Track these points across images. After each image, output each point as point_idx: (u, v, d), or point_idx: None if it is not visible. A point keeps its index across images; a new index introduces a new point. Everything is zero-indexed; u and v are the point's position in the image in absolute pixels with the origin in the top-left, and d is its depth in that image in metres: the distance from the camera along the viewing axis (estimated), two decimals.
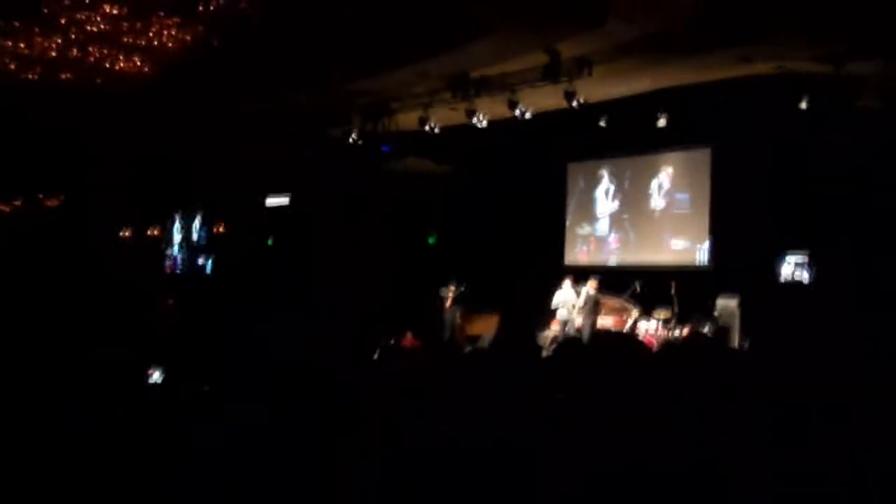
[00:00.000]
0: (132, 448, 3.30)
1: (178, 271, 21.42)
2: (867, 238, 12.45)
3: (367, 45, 12.01)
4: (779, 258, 13.87)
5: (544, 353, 4.19)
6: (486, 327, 16.07)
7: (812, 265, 13.61)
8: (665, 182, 16.36)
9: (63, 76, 13.73)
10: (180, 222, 21.64)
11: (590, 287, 14.74)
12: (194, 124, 16.03)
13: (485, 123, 14.56)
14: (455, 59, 12.74)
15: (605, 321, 14.98)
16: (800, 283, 13.68)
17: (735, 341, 13.13)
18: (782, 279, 13.85)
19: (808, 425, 2.80)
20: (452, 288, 16.59)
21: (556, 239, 17.93)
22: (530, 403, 3.20)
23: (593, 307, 14.66)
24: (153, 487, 3.05)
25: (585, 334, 14.04)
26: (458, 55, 12.49)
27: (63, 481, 3.08)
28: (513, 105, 13.82)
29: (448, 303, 16.66)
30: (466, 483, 2.66)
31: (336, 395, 3.64)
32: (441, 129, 15.27)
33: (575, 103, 13.20)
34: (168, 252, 21.65)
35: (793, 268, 13.79)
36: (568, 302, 15.07)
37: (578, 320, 14.76)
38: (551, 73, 12.64)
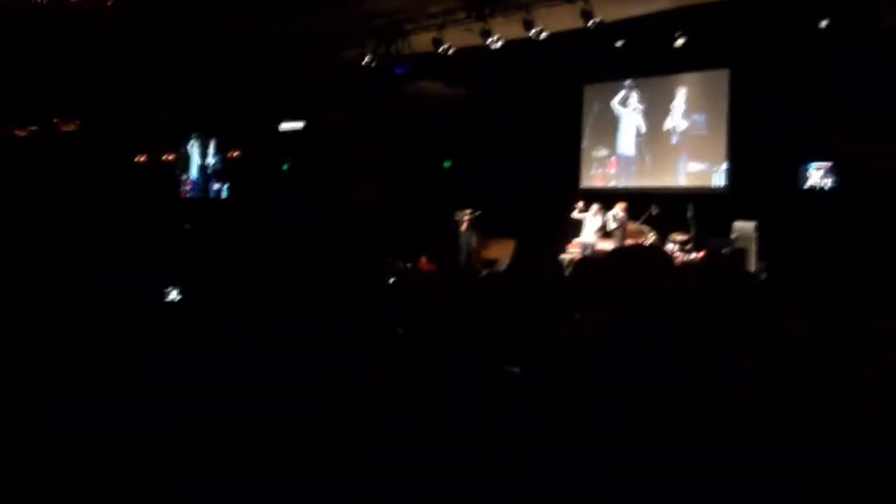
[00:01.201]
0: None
1: (193, 196, 21.48)
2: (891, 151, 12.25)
3: None
4: (802, 167, 13.76)
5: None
6: (502, 252, 16.10)
7: (835, 172, 13.49)
8: (681, 103, 16.17)
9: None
10: (196, 148, 21.64)
11: (619, 210, 14.79)
12: (209, 48, 15.88)
13: (500, 45, 14.38)
14: None
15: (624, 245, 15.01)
16: (822, 190, 13.58)
17: (752, 265, 13.12)
18: (806, 186, 13.76)
19: (820, 354, 2.77)
20: (468, 212, 16.60)
21: (572, 162, 17.81)
22: (548, 327, 3.21)
23: (623, 231, 14.73)
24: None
25: None
26: None
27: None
28: (528, 25, 13.63)
29: (464, 227, 16.69)
30: (490, 405, 2.68)
31: (353, 319, 3.65)
32: (456, 50, 15.10)
33: (591, 23, 13.01)
34: (183, 177, 21.69)
35: (817, 175, 13.69)
36: (592, 225, 15.14)
37: (602, 244, 14.81)
38: None
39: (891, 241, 10.78)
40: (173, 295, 4.34)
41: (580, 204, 15.69)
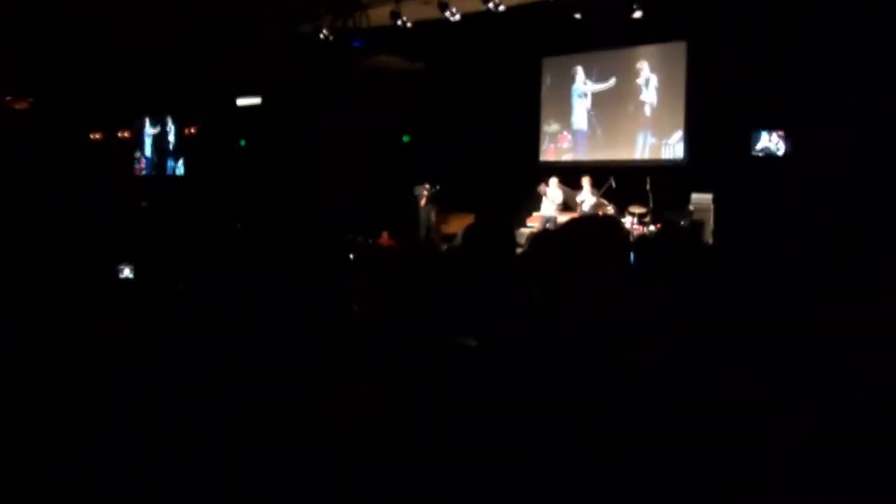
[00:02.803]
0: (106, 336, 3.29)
1: (148, 173, 21.26)
2: (843, 119, 12.36)
3: None
4: (754, 134, 13.83)
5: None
6: (461, 226, 16.05)
7: (787, 139, 13.58)
8: (637, 77, 16.21)
9: None
10: (150, 125, 21.38)
11: (586, 184, 14.83)
12: (164, 25, 15.64)
13: (458, 17, 14.31)
14: None
15: None
16: (774, 155, 13.66)
17: (709, 237, 13.22)
18: (756, 152, 13.82)
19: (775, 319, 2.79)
20: (427, 187, 16.56)
21: (530, 136, 17.80)
22: (506, 300, 3.19)
23: (595, 205, 14.79)
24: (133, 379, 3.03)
25: None
26: None
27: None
28: None
29: (423, 202, 16.65)
30: (449, 380, 2.66)
31: (315, 293, 3.61)
32: (413, 24, 15.00)
33: None
34: (137, 155, 21.44)
35: (768, 141, 13.76)
36: (553, 199, 15.17)
37: (560, 217, 14.84)
38: None
39: (842, 206, 10.91)
40: (126, 273, 4.29)
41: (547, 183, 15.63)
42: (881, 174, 11.50)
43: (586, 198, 14.86)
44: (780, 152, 13.55)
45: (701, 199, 13.72)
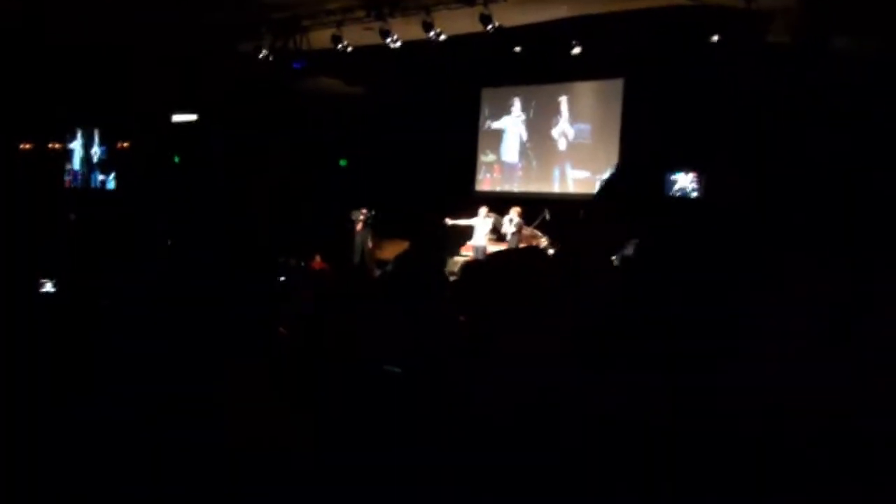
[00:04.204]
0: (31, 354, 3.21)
1: (76, 186, 20.87)
2: (763, 165, 12.64)
3: None
4: (668, 174, 14.07)
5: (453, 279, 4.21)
6: (396, 252, 16.03)
7: (701, 181, 13.85)
8: (569, 112, 16.45)
9: None
10: (81, 138, 21.01)
11: (514, 214, 14.88)
12: (100, 36, 15.42)
13: (399, 45, 14.36)
14: None
15: None
16: (686, 198, 13.92)
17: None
18: (670, 193, 14.07)
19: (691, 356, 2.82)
20: (364, 212, 16.52)
21: (466, 165, 17.91)
22: (435, 328, 3.19)
23: (518, 235, 14.84)
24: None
25: None
26: None
27: None
28: (427, 27, 13.65)
29: (359, 227, 16.60)
30: (378, 409, 2.65)
31: (241, 319, 3.57)
32: (354, 48, 15.01)
33: (490, 27, 13.11)
34: (67, 167, 21.04)
35: (684, 181, 14.02)
36: (482, 229, 15.21)
37: (490, 247, 14.91)
38: None
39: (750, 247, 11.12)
40: (48, 287, 4.17)
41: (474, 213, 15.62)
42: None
43: (510, 228, 14.94)
44: (693, 194, 13.85)
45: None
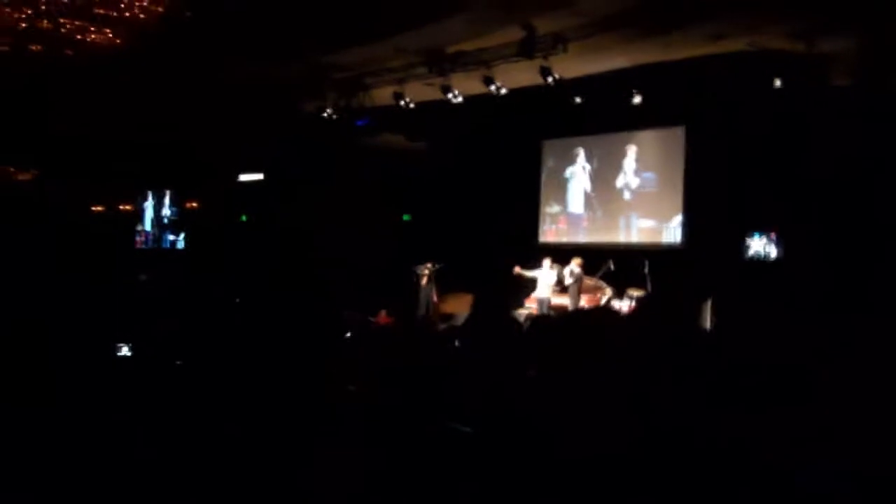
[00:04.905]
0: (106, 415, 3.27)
1: (147, 247, 21.30)
2: (836, 218, 12.53)
3: (343, 18, 11.90)
4: (747, 236, 14.01)
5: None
6: (460, 306, 16.04)
7: (779, 243, 13.73)
8: (634, 161, 16.39)
9: (33, 48, 13.51)
10: (150, 199, 21.51)
11: (575, 265, 14.77)
12: (167, 98, 15.84)
13: (460, 99, 14.49)
14: (430, 34, 12.66)
15: (581, 300, 15.04)
16: (766, 260, 13.82)
17: (707, 321, 13.17)
18: (749, 255, 13.98)
19: (767, 404, 2.79)
20: (428, 266, 16.57)
21: (530, 217, 17.92)
22: (504, 381, 3.18)
23: (580, 286, 14.73)
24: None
25: None
26: (434, 30, 12.41)
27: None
28: (488, 81, 13.76)
29: (424, 281, 16.65)
30: (450, 463, 2.64)
31: (309, 375, 3.60)
32: (416, 104, 15.19)
33: (550, 79, 13.18)
34: (139, 228, 21.52)
35: (760, 245, 13.93)
36: (546, 281, 15.12)
37: (557, 299, 14.82)
38: (526, 49, 12.57)
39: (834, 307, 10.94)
40: (124, 351, 4.24)
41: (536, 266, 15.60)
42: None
43: (570, 280, 14.81)
44: (772, 257, 13.78)
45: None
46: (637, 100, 14.47)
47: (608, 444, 2.35)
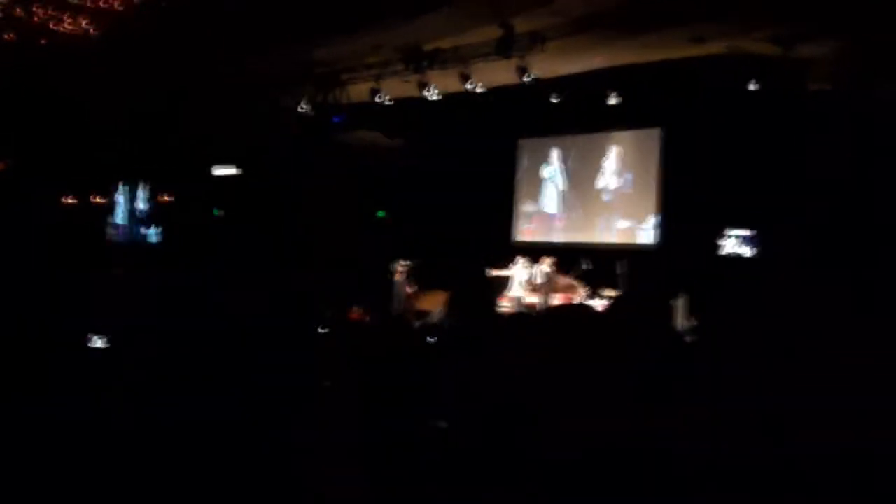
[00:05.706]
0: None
1: (120, 241, 21.15)
2: (812, 219, 12.62)
3: (321, 13, 11.86)
4: (722, 234, 14.12)
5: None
6: (434, 303, 16.01)
7: (755, 241, 13.84)
8: (612, 161, 16.45)
9: (6, 36, 13.36)
10: (124, 193, 21.34)
11: (546, 265, 14.85)
12: (141, 91, 15.73)
13: (437, 97, 14.49)
14: (409, 31, 12.65)
15: (553, 299, 15.10)
16: (740, 257, 13.94)
17: (679, 321, 13.23)
18: (724, 253, 14.10)
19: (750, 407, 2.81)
20: (403, 263, 16.55)
21: (505, 215, 17.95)
22: (480, 377, 3.18)
23: (550, 285, 14.80)
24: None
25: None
26: (412, 27, 12.40)
27: None
28: (465, 79, 13.78)
29: (398, 277, 16.63)
30: (426, 458, 2.63)
31: (283, 370, 3.58)
32: (393, 101, 15.18)
33: (527, 78, 13.21)
34: (111, 221, 21.35)
35: (735, 243, 14.04)
36: (520, 279, 15.18)
37: (530, 298, 14.87)
38: (504, 48, 12.58)
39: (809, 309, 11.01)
40: (98, 343, 4.19)
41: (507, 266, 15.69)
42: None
43: (540, 278, 14.90)
44: (747, 254, 13.90)
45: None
46: (613, 100, 14.55)
47: (586, 440, 2.35)
